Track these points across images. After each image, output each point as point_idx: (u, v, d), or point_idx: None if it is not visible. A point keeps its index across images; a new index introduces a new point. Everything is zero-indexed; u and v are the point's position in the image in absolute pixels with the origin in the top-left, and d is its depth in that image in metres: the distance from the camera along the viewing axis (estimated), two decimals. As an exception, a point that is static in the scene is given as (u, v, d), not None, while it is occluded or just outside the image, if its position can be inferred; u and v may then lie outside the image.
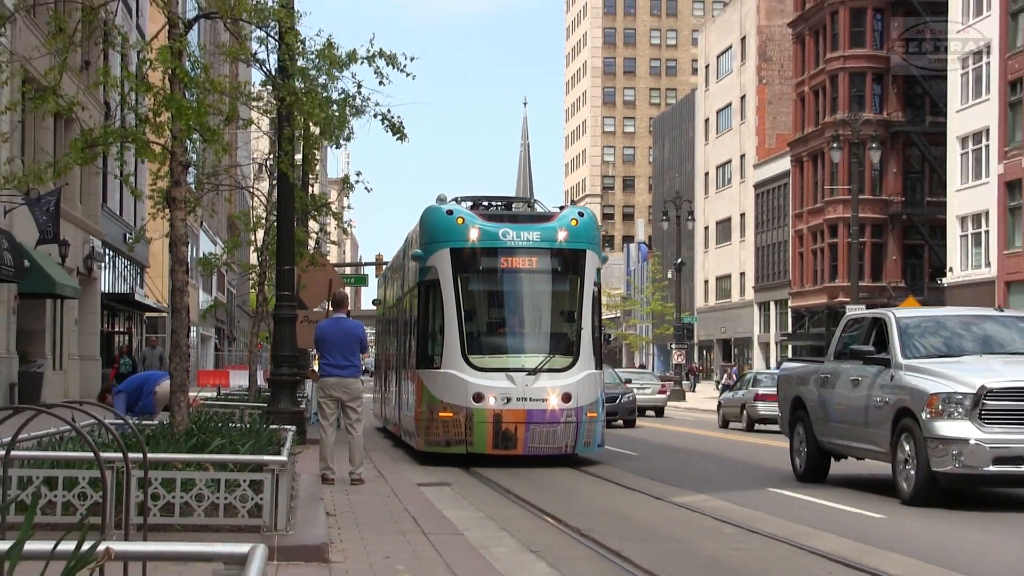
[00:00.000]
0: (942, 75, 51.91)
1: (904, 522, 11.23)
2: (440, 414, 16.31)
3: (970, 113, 48.78)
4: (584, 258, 17.30)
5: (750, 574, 9.12)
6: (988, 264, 46.85)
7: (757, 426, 28.23)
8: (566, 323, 17.39)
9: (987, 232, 47.42)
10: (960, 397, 11.08)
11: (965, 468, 10.87)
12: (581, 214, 17.85)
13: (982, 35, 46.57)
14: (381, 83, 11.47)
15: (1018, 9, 44.20)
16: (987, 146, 47.12)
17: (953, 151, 50.35)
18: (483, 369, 16.31)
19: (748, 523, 10.92)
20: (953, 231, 50.45)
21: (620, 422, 28.68)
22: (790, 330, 64.31)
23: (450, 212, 17.32)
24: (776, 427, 21.56)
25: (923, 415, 11.25)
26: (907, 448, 11.65)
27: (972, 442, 10.81)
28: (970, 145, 48.96)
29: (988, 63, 46.92)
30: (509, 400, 15.97)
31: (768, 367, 54.54)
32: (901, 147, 57.09)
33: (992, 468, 10.84)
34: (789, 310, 64.90)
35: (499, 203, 19.20)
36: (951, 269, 50.29)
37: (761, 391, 28.20)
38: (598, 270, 17.82)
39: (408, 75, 12.08)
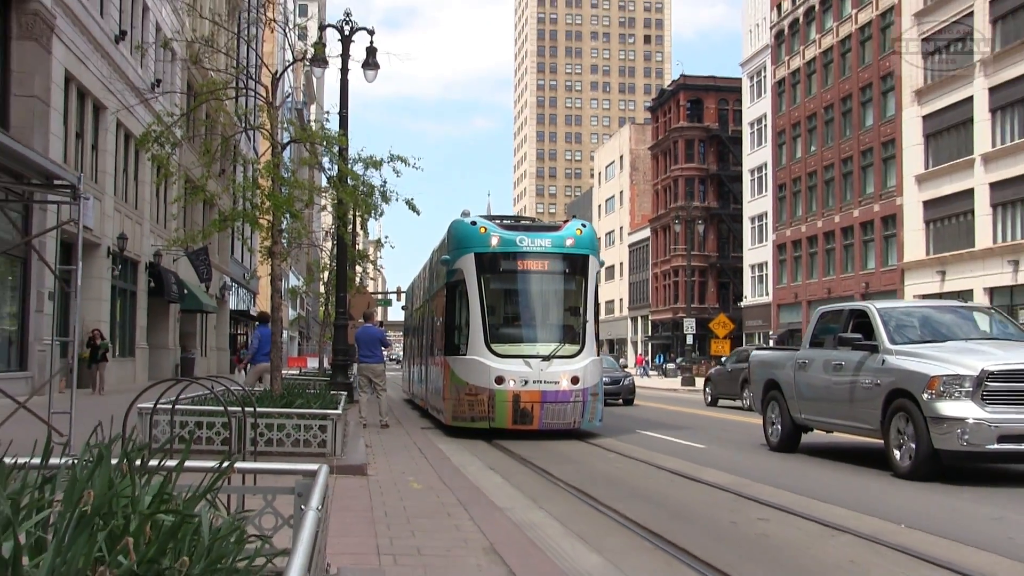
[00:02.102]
0: (739, 179, 76.00)
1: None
2: (466, 394, 17.42)
3: (756, 203, 71.66)
4: (588, 262, 18.46)
5: (661, 500, 10.66)
6: (767, 293, 68.72)
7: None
8: (573, 317, 18.40)
9: (766, 274, 69.36)
10: (962, 379, 11.10)
11: (970, 446, 10.85)
12: (584, 226, 19.03)
13: (762, 158, 69.97)
14: (398, 175, 16.90)
15: (782, 142, 65.85)
16: (765, 223, 69.33)
17: (746, 226, 73.25)
18: (503, 356, 17.37)
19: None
20: (747, 273, 73.31)
21: (620, 401, 30.30)
22: (650, 333, 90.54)
23: (473, 223, 18.57)
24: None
25: (924, 396, 11.32)
26: (903, 426, 11.79)
27: (977, 421, 10.84)
28: (756, 223, 71.79)
29: (765, 174, 69.40)
30: (526, 382, 17.09)
31: (649, 358, 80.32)
32: (716, 223, 79.43)
33: (996, 446, 10.82)
34: (649, 322, 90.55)
35: (510, 219, 20.73)
36: (745, 296, 73.33)
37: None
38: (597, 273, 18.84)
39: (417, 168, 17.14)
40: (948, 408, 11.15)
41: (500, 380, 17.11)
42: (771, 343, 65.28)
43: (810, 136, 61.89)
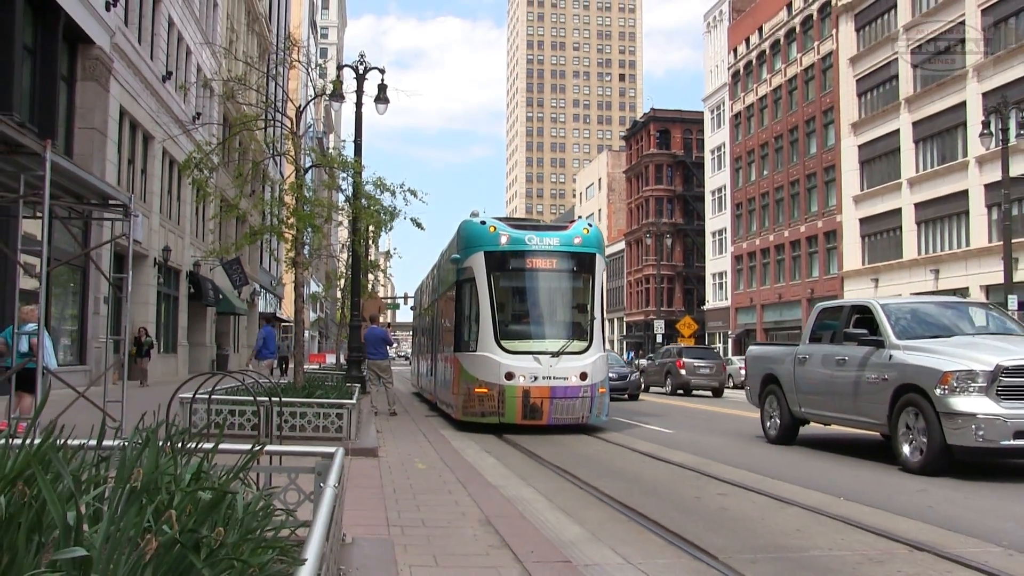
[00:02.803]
0: (702, 199, 75.90)
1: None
2: (476, 390, 15.67)
3: (716, 220, 71.33)
4: (595, 260, 16.74)
5: (634, 478, 10.46)
6: (726, 298, 68.23)
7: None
8: (580, 314, 16.64)
9: (725, 282, 68.87)
10: (976, 374, 9.83)
11: (985, 442, 9.58)
12: (590, 226, 17.32)
13: (722, 180, 69.74)
14: (407, 203, 16.57)
15: (738, 167, 65.56)
16: (725, 237, 68.97)
17: (708, 239, 73.00)
18: (513, 352, 15.64)
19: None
20: (709, 281, 72.93)
21: (626, 396, 27.59)
22: (625, 333, 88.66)
23: (483, 222, 16.80)
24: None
25: (936, 391, 10.02)
26: (912, 421, 10.47)
27: (992, 417, 9.56)
28: (717, 237, 71.49)
29: (724, 194, 69.09)
30: (536, 378, 15.35)
31: (621, 355, 75.67)
32: (682, 237, 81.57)
33: (1012, 442, 9.56)
34: (624, 323, 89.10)
35: (516, 220, 18.87)
36: (707, 300, 72.95)
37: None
38: (603, 271, 17.23)
39: (424, 202, 16.94)
40: (962, 403, 9.85)
41: (510, 376, 15.38)
42: (730, 340, 65.69)
43: (763, 162, 62.10)
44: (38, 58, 19.45)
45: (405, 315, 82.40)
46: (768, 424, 14.45)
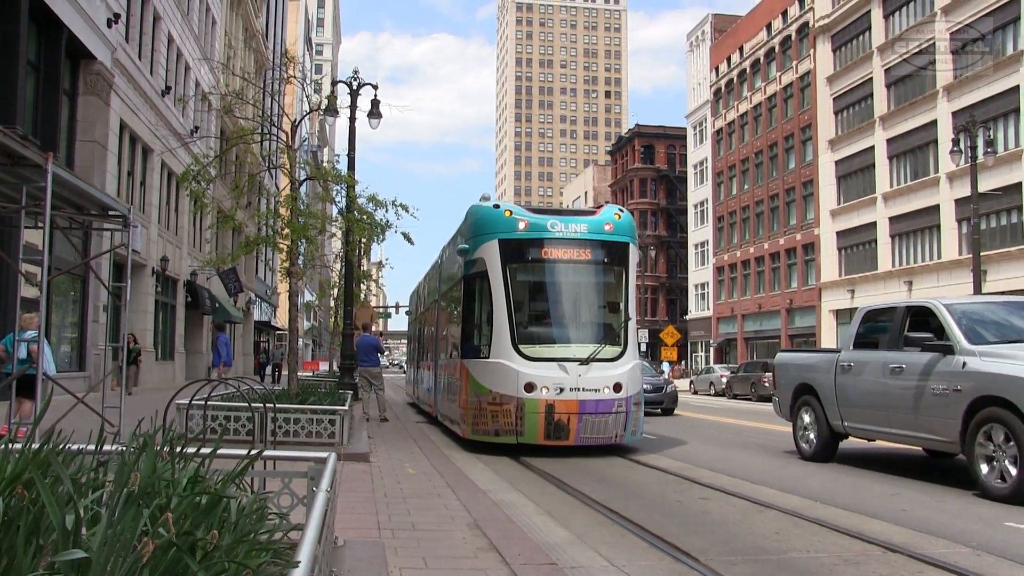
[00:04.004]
0: (685, 212, 75.93)
1: None
2: (489, 404, 12.85)
3: (699, 232, 71.13)
4: (628, 251, 13.89)
5: (619, 483, 10.30)
6: (708, 308, 68.33)
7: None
8: (612, 314, 13.82)
9: (707, 292, 68.92)
10: None
11: None
12: (621, 211, 14.44)
13: (704, 194, 69.67)
14: (399, 218, 16.02)
15: (720, 181, 66.22)
16: (707, 249, 68.95)
17: (691, 251, 72.82)
18: (534, 359, 12.77)
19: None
20: (691, 291, 72.72)
21: (659, 411, 23.51)
22: None
23: (497, 206, 14.01)
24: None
25: None
26: (996, 439, 8.64)
27: None
28: (699, 248, 71.06)
29: (707, 208, 69.20)
30: (562, 390, 12.51)
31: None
32: (665, 249, 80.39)
33: None
34: None
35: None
36: (690, 310, 72.82)
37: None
38: (636, 264, 14.39)
39: (415, 217, 16.25)
40: None
41: (530, 387, 12.54)
42: (711, 349, 65.89)
43: (744, 176, 62.37)
44: (41, 73, 19.40)
45: (395, 324, 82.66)
46: (802, 439, 12.60)
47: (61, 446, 3.49)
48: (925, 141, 41.26)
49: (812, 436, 12.33)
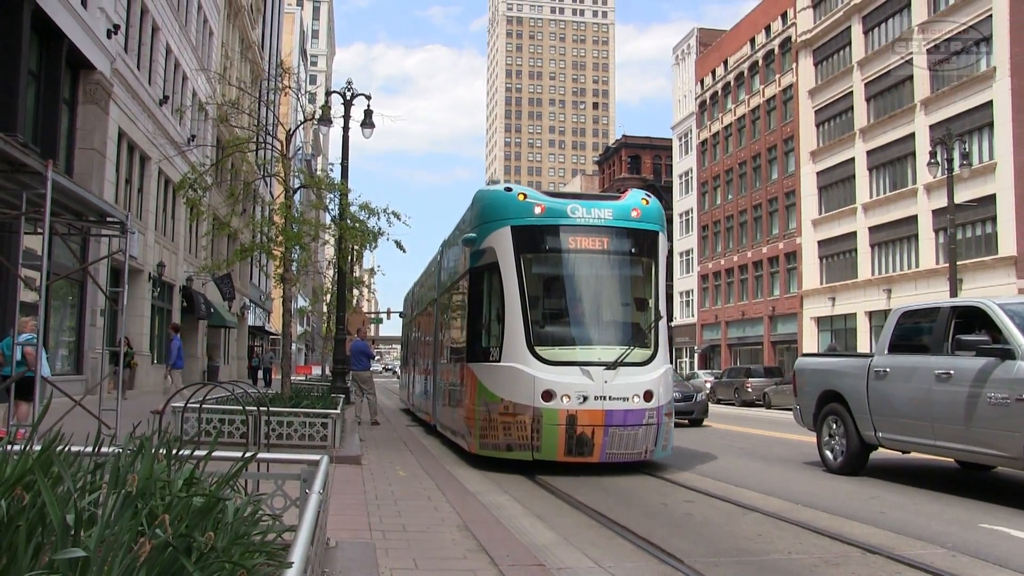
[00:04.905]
0: (670, 221, 72.56)
1: None
2: (500, 414, 11.00)
3: (684, 241, 70.12)
4: (657, 241, 11.97)
5: (608, 487, 9.93)
6: (693, 315, 68.13)
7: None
8: (641, 312, 11.85)
9: (692, 299, 68.89)
10: None
11: None
12: (649, 196, 12.44)
13: (689, 203, 69.12)
14: (390, 225, 16.10)
15: (705, 191, 66.18)
16: (692, 257, 68.76)
17: (676, 259, 70.66)
18: (553, 362, 10.88)
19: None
20: (676, 299, 70.97)
21: (687, 421, 20.43)
22: None
23: (509, 188, 12.14)
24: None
25: None
26: None
27: None
28: (684, 257, 70.36)
29: (692, 217, 68.79)
30: (585, 399, 10.62)
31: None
32: None
33: None
34: None
35: None
36: (675, 317, 69.79)
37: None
38: (666, 256, 12.45)
39: (407, 225, 16.47)
40: None
41: (549, 396, 10.64)
42: (696, 355, 66.02)
43: (728, 186, 62.59)
44: (42, 82, 19.37)
45: (387, 329, 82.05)
46: (828, 450, 11.47)
47: (60, 448, 3.48)
48: (903, 153, 41.50)
49: (839, 447, 11.21)
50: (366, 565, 5.16)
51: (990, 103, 35.83)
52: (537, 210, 11.57)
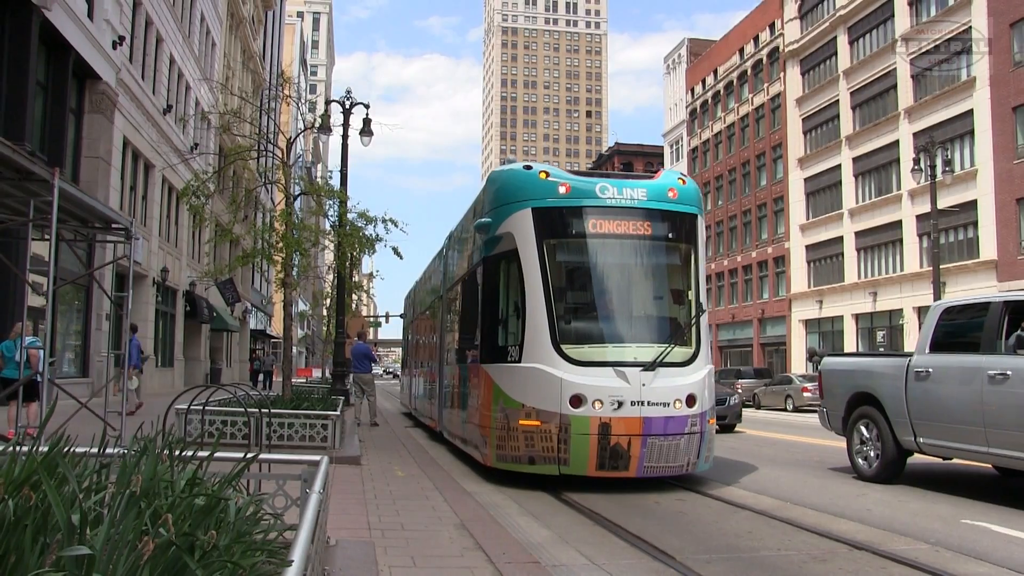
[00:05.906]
0: None
1: None
2: (521, 422, 9.36)
3: None
4: (696, 224, 10.31)
5: (602, 485, 9.30)
6: None
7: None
8: (679, 305, 10.13)
9: None
10: None
11: None
12: (684, 175, 10.78)
13: None
14: (388, 232, 15.43)
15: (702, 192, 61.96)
16: None
17: None
18: (583, 363, 9.24)
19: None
20: None
21: (717, 427, 16.93)
22: None
23: (529, 167, 10.24)
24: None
25: None
26: None
27: None
28: None
29: None
30: (620, 404, 9.02)
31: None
32: None
33: None
34: None
35: None
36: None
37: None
38: (705, 241, 10.68)
39: (404, 232, 16.26)
40: None
41: (578, 401, 9.05)
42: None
43: (718, 193, 62.68)
44: (49, 92, 19.39)
45: (386, 332, 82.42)
46: (860, 457, 10.53)
47: (66, 449, 3.48)
48: (888, 160, 41.61)
49: (872, 453, 10.27)
50: (365, 563, 5.16)
51: (971, 112, 35.95)
52: (561, 190, 9.85)
